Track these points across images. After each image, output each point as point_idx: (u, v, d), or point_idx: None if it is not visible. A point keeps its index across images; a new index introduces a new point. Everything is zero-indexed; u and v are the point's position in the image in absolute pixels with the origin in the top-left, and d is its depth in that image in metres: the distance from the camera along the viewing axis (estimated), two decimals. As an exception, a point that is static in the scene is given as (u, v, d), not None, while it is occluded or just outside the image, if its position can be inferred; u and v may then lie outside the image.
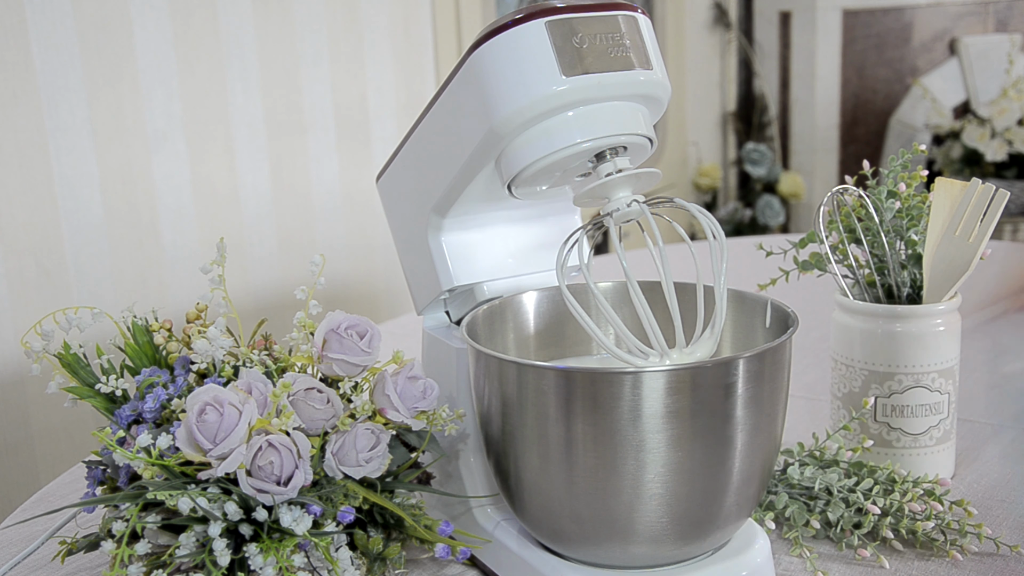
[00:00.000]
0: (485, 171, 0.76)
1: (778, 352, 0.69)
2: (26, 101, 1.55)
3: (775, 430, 0.71)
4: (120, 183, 1.70)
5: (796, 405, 1.12)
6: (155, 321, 0.81)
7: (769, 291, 1.00)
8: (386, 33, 2.14)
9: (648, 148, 0.75)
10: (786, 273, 0.99)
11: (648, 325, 0.71)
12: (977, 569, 0.79)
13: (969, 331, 1.32)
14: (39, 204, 1.59)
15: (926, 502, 0.83)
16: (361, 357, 0.75)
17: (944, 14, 3.72)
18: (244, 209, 1.92)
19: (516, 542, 0.77)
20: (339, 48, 2.04)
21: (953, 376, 0.90)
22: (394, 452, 0.77)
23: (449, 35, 2.35)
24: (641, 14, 0.74)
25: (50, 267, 1.61)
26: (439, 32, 2.30)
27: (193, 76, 1.79)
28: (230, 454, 0.68)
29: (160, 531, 0.70)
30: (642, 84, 0.72)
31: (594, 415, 0.66)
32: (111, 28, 1.65)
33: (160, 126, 1.74)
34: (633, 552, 0.70)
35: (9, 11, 1.52)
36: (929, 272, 0.89)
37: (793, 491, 0.85)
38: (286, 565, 0.67)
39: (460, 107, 0.74)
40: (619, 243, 0.73)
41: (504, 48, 0.70)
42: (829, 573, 0.80)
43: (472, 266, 0.84)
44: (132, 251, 1.73)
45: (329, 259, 2.09)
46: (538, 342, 0.85)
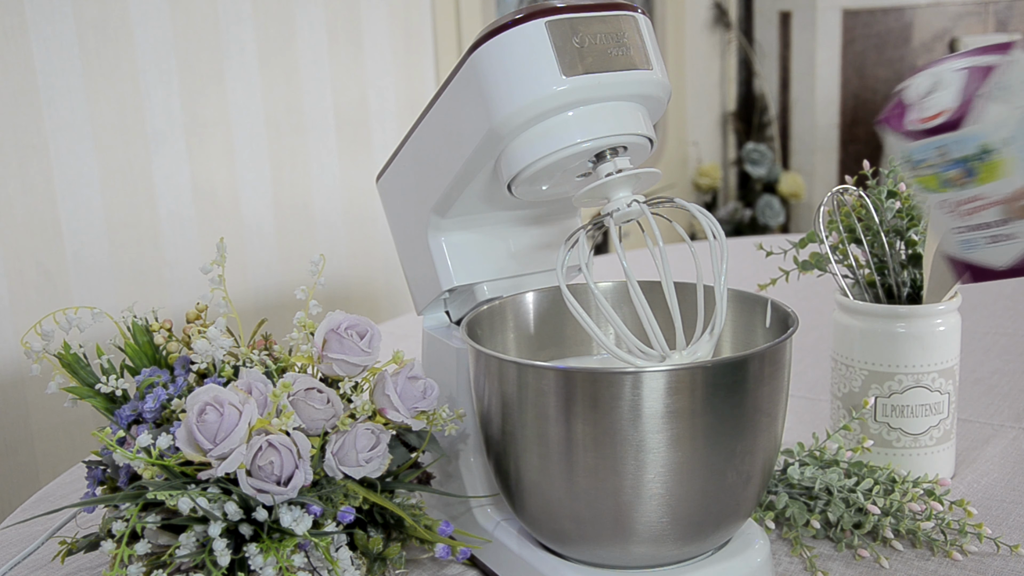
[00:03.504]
0: (485, 171, 0.76)
1: (778, 352, 0.69)
2: (26, 101, 1.55)
3: (775, 430, 0.71)
4: (120, 183, 1.70)
5: (796, 405, 1.12)
6: (155, 321, 0.81)
7: (769, 291, 1.00)
8: (386, 33, 2.14)
9: (648, 148, 0.75)
10: (786, 273, 0.99)
11: (648, 325, 0.71)
12: (977, 569, 0.79)
13: (969, 331, 1.32)
14: (39, 204, 1.59)
15: (926, 502, 0.83)
16: (361, 357, 0.75)
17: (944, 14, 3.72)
18: (244, 209, 1.92)
19: (516, 542, 0.77)
20: (339, 48, 2.04)
21: (953, 376, 0.91)
22: (394, 452, 0.77)
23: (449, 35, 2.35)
24: (641, 14, 0.74)
25: (50, 267, 1.61)
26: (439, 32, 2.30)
27: (193, 76, 1.79)
28: (230, 454, 0.68)
29: (160, 531, 0.70)
30: (642, 84, 0.72)
31: (594, 415, 0.66)
32: (111, 28, 1.65)
33: (160, 126, 1.74)
34: (633, 552, 0.70)
35: (9, 11, 1.52)
36: (929, 272, 0.89)
37: (793, 491, 0.85)
38: (286, 565, 0.67)
39: (460, 107, 0.74)
40: (619, 243, 0.73)
41: (504, 48, 0.70)
42: (829, 573, 0.80)
43: (472, 266, 0.84)
44: (132, 251, 1.73)
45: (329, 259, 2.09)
46: (538, 342, 0.85)
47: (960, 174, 0.67)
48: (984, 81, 0.65)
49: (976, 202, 0.67)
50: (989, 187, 0.66)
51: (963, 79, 0.65)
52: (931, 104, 0.66)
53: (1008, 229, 0.67)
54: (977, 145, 0.65)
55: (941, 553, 0.81)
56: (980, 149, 0.65)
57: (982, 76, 0.65)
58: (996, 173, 0.65)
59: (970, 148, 0.65)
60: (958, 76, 0.65)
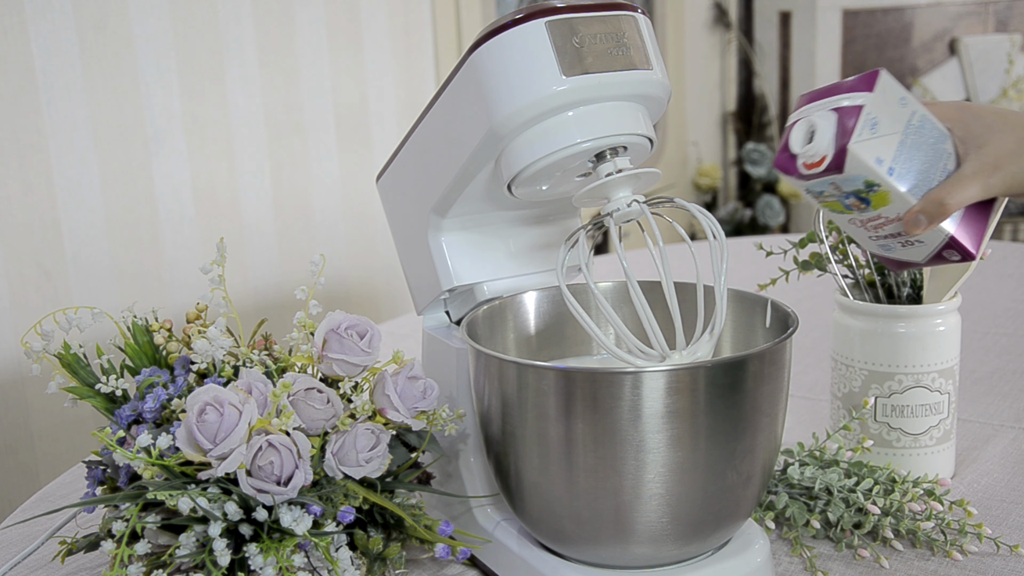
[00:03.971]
0: (485, 171, 0.76)
1: (778, 352, 0.69)
2: (26, 101, 1.55)
3: (775, 430, 0.71)
4: (120, 183, 1.70)
5: (796, 405, 1.12)
6: (155, 321, 0.81)
7: (769, 291, 1.00)
8: (386, 33, 2.14)
9: (648, 148, 0.75)
10: (786, 273, 0.99)
11: (648, 325, 0.71)
12: (977, 569, 0.79)
13: (969, 331, 1.32)
14: (39, 204, 1.59)
15: (926, 502, 0.83)
16: (361, 357, 0.75)
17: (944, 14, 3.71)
18: (244, 209, 1.92)
19: (516, 542, 0.77)
20: (339, 48, 2.04)
21: (953, 376, 0.90)
22: (394, 452, 0.77)
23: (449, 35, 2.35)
24: (641, 14, 0.74)
25: (50, 267, 1.61)
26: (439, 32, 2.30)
27: (193, 76, 1.79)
28: (230, 454, 0.68)
29: (160, 531, 0.70)
30: (642, 84, 0.72)
31: (594, 415, 0.66)
32: (111, 28, 1.65)
33: (160, 126, 1.74)
34: (633, 552, 0.70)
35: (9, 11, 1.52)
36: (929, 272, 0.89)
37: (793, 491, 0.85)
38: (286, 565, 0.67)
39: (460, 107, 0.74)
40: (619, 243, 0.73)
41: (504, 48, 0.70)
42: (829, 573, 0.80)
43: (472, 266, 0.84)
44: (132, 251, 1.73)
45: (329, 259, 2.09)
46: (538, 342, 0.85)
47: (856, 202, 0.71)
48: (855, 121, 0.68)
49: (878, 220, 0.72)
50: (884, 209, 0.71)
51: (835, 122, 0.69)
52: (812, 152, 0.70)
53: (915, 237, 0.72)
54: (862, 182, 0.69)
55: (941, 553, 0.81)
56: (865, 184, 0.69)
57: (853, 115, 0.69)
58: (885, 200, 0.70)
59: (857, 184, 0.70)
60: (830, 120, 0.69)
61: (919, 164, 0.70)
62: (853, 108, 0.69)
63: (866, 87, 0.69)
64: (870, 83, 0.69)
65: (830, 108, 0.70)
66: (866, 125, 0.68)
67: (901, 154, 0.69)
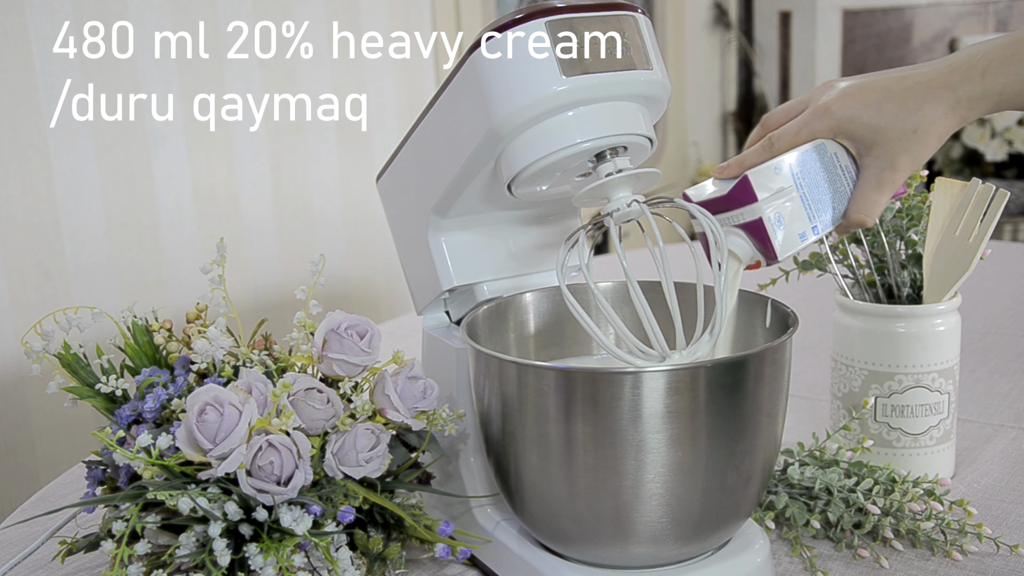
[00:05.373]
0: (485, 171, 0.76)
1: (778, 352, 0.69)
2: (26, 101, 1.55)
3: (775, 430, 0.71)
4: (120, 183, 1.70)
5: (796, 405, 1.12)
6: (155, 321, 0.81)
7: (769, 291, 1.00)
8: (386, 33, 2.14)
9: (648, 148, 0.75)
10: (786, 273, 0.99)
11: (648, 325, 0.71)
12: (977, 569, 0.79)
13: (969, 331, 1.32)
14: (39, 204, 1.59)
15: (926, 502, 0.83)
16: (361, 357, 0.75)
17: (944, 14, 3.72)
18: (244, 209, 1.92)
19: (516, 542, 0.77)
20: (339, 48, 2.04)
21: (953, 376, 0.90)
22: (394, 452, 0.77)
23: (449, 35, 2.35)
24: (641, 14, 0.74)
25: (50, 267, 1.61)
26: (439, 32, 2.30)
27: (193, 76, 1.79)
28: (230, 454, 0.68)
29: (160, 531, 0.70)
30: (642, 84, 0.72)
31: (594, 415, 0.66)
32: (111, 28, 1.65)
33: (160, 126, 1.74)
34: (633, 552, 0.70)
35: (9, 11, 1.52)
36: (929, 272, 0.89)
37: (793, 491, 0.85)
38: (286, 565, 0.67)
39: (460, 107, 0.74)
40: (619, 243, 0.73)
41: (504, 48, 0.70)
42: (829, 573, 0.80)
43: (472, 266, 0.84)
44: (132, 251, 1.73)
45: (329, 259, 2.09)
46: (538, 342, 0.85)
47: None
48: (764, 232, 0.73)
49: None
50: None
51: (747, 237, 0.74)
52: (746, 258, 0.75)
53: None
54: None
55: (941, 553, 0.81)
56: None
57: (759, 229, 0.73)
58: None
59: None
60: (742, 236, 0.74)
61: (827, 196, 0.75)
62: (754, 223, 0.73)
63: (750, 199, 0.73)
64: (750, 193, 0.73)
65: (733, 226, 0.74)
66: (774, 226, 0.73)
67: (809, 206, 0.75)
